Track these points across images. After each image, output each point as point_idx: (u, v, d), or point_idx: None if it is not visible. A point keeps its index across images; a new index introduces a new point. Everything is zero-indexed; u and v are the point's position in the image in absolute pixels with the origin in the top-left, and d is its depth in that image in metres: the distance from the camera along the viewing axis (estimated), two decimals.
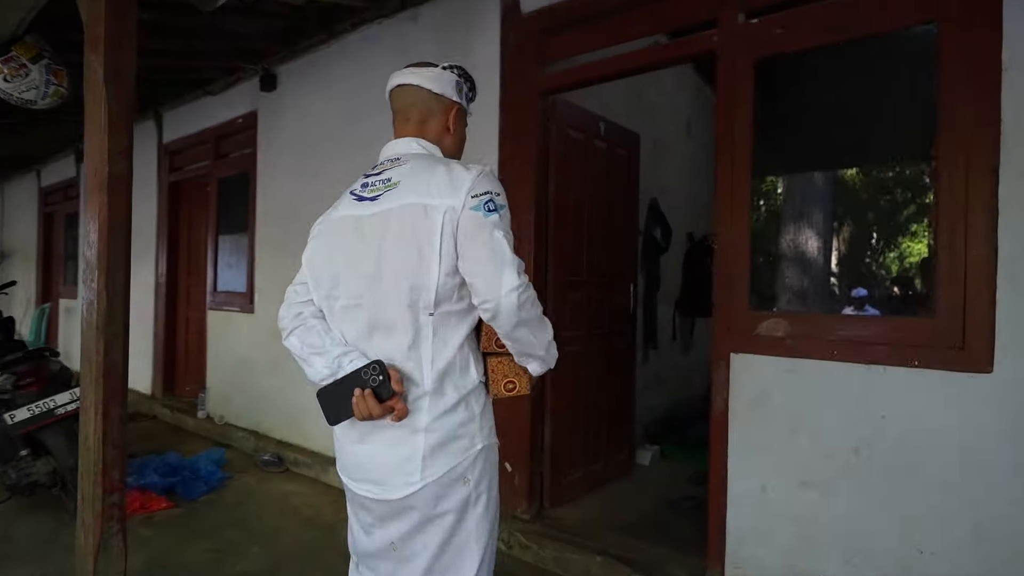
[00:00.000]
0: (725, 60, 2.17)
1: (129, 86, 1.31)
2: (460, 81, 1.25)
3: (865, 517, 1.88)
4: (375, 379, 1.06)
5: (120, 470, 1.31)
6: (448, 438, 1.12)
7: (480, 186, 1.09)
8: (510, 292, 1.04)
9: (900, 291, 5.36)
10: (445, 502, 1.13)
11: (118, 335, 1.33)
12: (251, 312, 4.28)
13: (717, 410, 2.17)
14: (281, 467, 3.71)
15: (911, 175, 3.17)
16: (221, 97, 4.60)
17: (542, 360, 1.18)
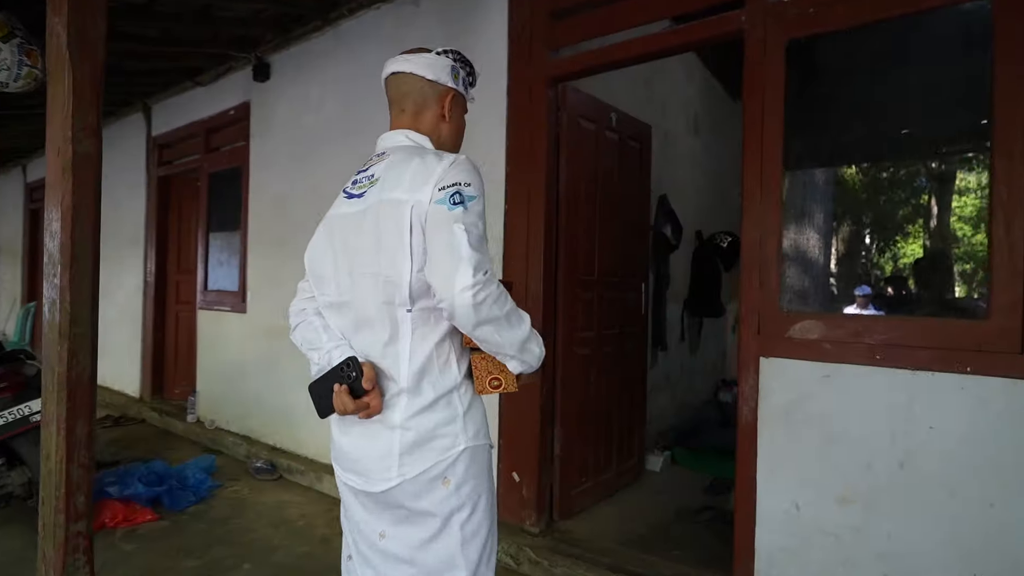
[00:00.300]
0: (753, 42, 2.02)
1: (97, 53, 1.14)
2: (456, 66, 1.21)
3: (911, 537, 1.73)
4: (349, 375, 1.08)
5: (86, 494, 1.14)
6: (425, 437, 1.10)
7: (449, 177, 1.06)
8: (463, 291, 0.99)
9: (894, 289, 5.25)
10: (424, 501, 1.11)
11: (85, 338, 1.15)
12: (243, 312, 4.10)
13: (745, 419, 2.02)
14: (274, 474, 3.53)
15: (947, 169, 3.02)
16: (212, 88, 4.42)
17: (517, 360, 1.12)
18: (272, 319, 3.85)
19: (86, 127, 1.14)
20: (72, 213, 1.11)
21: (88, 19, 1.12)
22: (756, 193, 2.01)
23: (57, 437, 1.11)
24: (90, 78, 1.13)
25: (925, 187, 4.06)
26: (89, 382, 1.15)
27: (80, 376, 1.14)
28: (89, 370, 1.15)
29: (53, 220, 1.12)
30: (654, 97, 4.00)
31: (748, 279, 2.03)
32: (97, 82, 1.15)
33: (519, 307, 1.12)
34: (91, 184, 1.17)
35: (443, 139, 1.23)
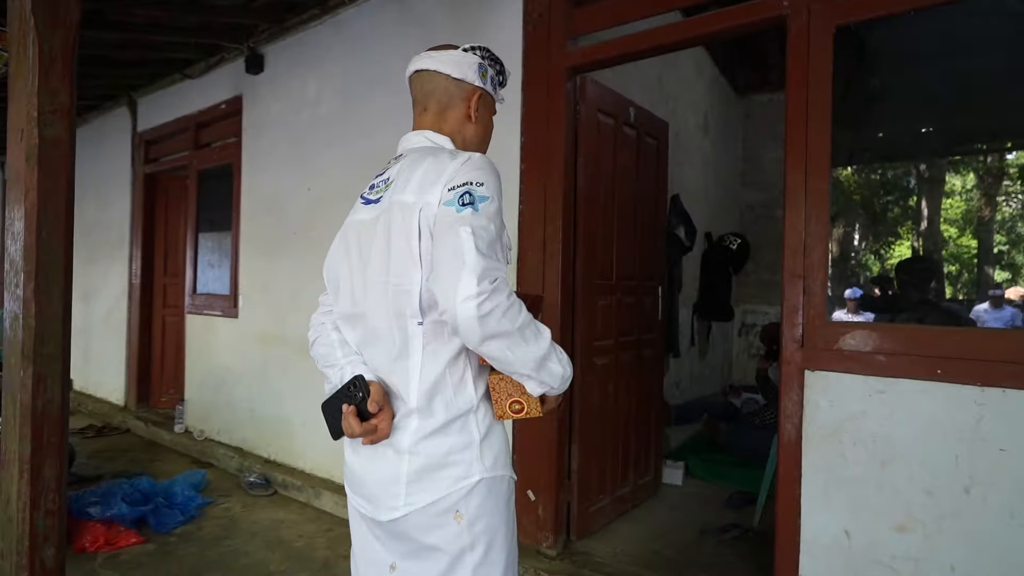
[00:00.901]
0: (797, 29, 1.86)
1: (69, 17, 0.94)
2: (484, 63, 1.14)
3: (977, 570, 1.58)
4: (355, 396, 1.01)
5: (56, 546, 0.94)
6: (435, 463, 1.01)
7: (459, 176, 0.97)
8: (466, 300, 0.88)
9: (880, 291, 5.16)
10: (434, 536, 1.01)
11: (55, 360, 0.96)
12: (235, 317, 3.88)
13: (788, 436, 1.86)
14: (269, 490, 3.33)
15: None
16: (202, 81, 4.20)
17: (536, 381, 0.99)
18: (266, 325, 3.65)
19: (56, 108, 0.94)
20: (38, 210, 0.92)
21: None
22: (800, 194, 1.85)
23: (20, 481, 0.91)
24: (61, 48, 0.94)
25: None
26: (59, 413, 0.95)
27: (48, 407, 0.94)
28: (59, 399, 0.95)
29: (16, 219, 0.92)
30: (666, 94, 3.85)
31: (791, 287, 1.87)
32: (69, 53, 0.96)
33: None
34: (62, 175, 0.97)
35: (468, 141, 1.15)
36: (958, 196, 10.00)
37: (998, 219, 9.89)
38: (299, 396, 3.40)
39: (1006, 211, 9.80)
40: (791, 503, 1.85)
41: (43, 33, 0.92)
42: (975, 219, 9.87)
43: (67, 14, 0.96)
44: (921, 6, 1.68)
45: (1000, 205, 9.76)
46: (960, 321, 3.59)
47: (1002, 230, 10.15)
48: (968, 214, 10.01)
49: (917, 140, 2.01)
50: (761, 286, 5.58)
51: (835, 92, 1.81)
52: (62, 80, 0.96)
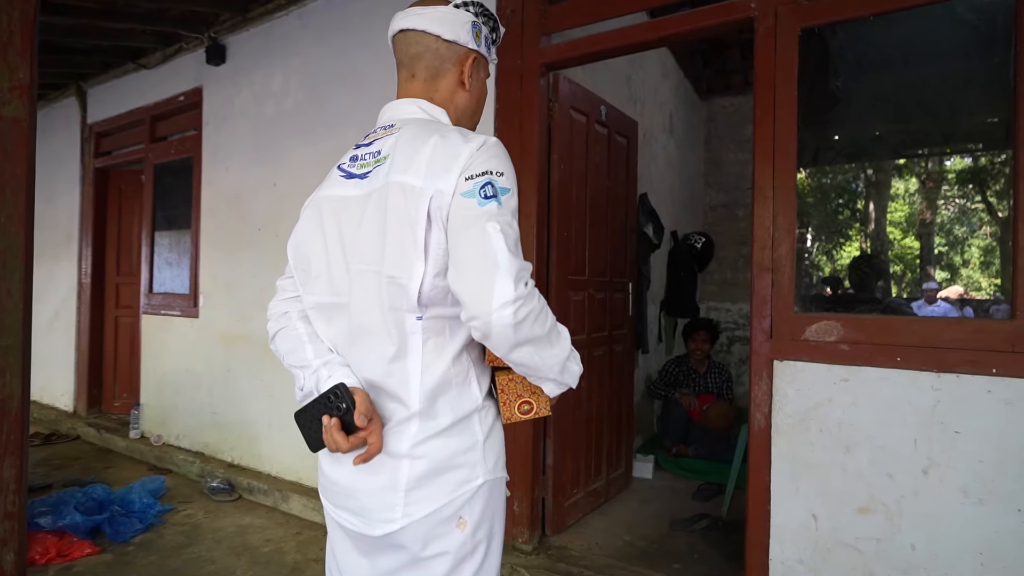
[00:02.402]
0: (764, 31, 1.92)
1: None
2: (477, 22, 1.00)
3: (936, 547, 1.66)
4: (338, 407, 0.87)
5: (16, 551, 0.88)
6: (439, 468, 0.91)
7: (478, 164, 0.86)
8: (503, 307, 0.79)
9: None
10: (433, 547, 0.92)
11: (15, 352, 0.89)
12: (195, 317, 3.74)
13: (758, 425, 1.91)
14: (232, 495, 3.22)
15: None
16: (158, 71, 4.03)
17: (557, 383, 0.94)
18: (229, 325, 3.53)
19: (15, 85, 0.88)
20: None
21: None
22: (768, 190, 1.91)
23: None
24: (20, 22, 0.88)
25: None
26: (20, 408, 0.89)
27: (7, 402, 0.88)
28: (19, 393, 0.89)
29: None
30: (634, 94, 3.91)
31: (760, 280, 1.93)
32: (29, 27, 0.90)
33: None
34: (22, 157, 0.91)
35: (460, 110, 1.04)
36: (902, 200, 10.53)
37: (938, 222, 10.45)
38: (265, 398, 3.30)
39: (945, 215, 10.37)
40: (761, 490, 1.90)
41: (1, 7, 0.86)
42: (917, 222, 10.39)
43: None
44: (879, 11, 1.77)
45: (940, 209, 10.32)
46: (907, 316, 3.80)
47: (941, 232, 10.72)
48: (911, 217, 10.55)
49: (870, 143, 2.10)
50: (724, 284, 5.73)
51: (802, 92, 1.88)
52: (21, 56, 0.90)
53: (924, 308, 4.70)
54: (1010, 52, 1.61)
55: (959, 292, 9.70)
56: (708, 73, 5.45)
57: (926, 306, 4.77)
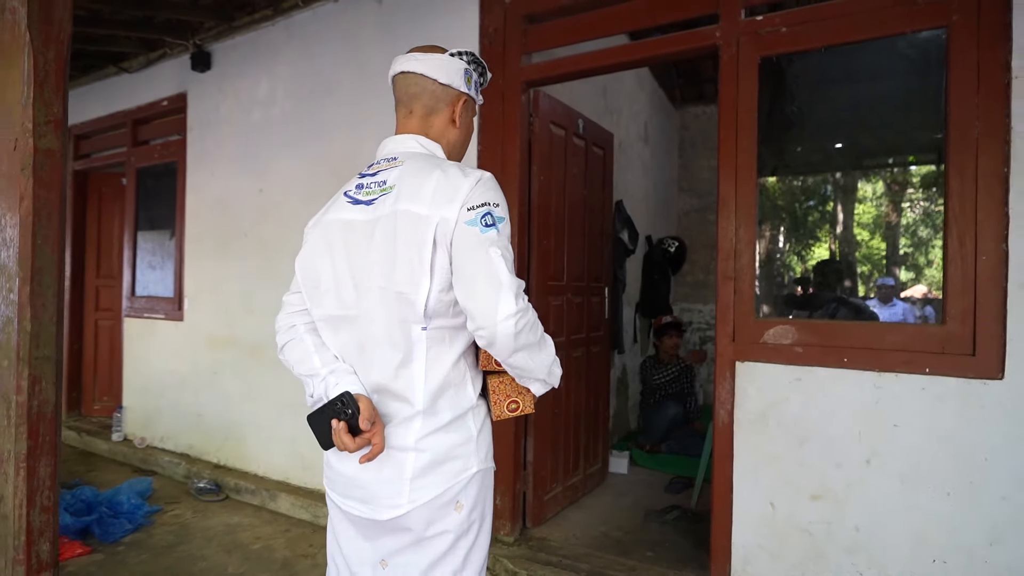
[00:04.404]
0: (728, 58, 2.09)
1: (63, 33, 0.98)
2: (469, 69, 1.15)
3: (876, 529, 1.84)
4: (344, 412, 0.99)
5: (51, 541, 0.98)
6: (440, 459, 1.04)
7: (477, 196, 0.99)
8: (507, 319, 0.94)
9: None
10: (435, 527, 1.05)
11: (49, 362, 0.99)
12: (179, 320, 3.78)
13: (722, 421, 2.08)
14: (220, 495, 3.28)
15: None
16: (141, 75, 4.05)
17: (544, 383, 1.10)
18: (215, 327, 3.59)
19: (50, 119, 0.98)
20: (33, 218, 0.95)
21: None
22: (731, 205, 2.08)
23: (16, 478, 0.94)
24: (55, 62, 0.98)
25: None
26: (53, 413, 0.99)
27: (43, 407, 0.97)
28: (53, 399, 0.99)
29: (7, 226, 0.95)
30: (610, 106, 4.08)
31: (724, 288, 2.09)
32: (62, 67, 0.99)
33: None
34: (56, 184, 1.00)
35: (451, 144, 1.17)
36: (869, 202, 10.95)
37: (903, 224, 10.89)
38: (252, 399, 3.37)
39: (910, 216, 10.82)
40: (725, 480, 2.07)
41: (38, 48, 0.95)
42: (884, 223, 10.81)
43: (60, 31, 0.99)
44: (829, 43, 1.95)
45: (905, 211, 10.77)
46: (866, 314, 4.03)
47: (907, 234, 11.18)
48: (878, 219, 10.96)
49: (831, 155, 2.30)
50: (696, 286, 5.95)
51: (762, 113, 2.05)
52: (56, 92, 0.99)
53: (879, 308, 4.67)
54: (942, 83, 1.80)
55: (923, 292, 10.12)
56: (681, 83, 5.66)
57: (881, 306, 4.75)
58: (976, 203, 1.74)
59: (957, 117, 1.76)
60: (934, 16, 1.80)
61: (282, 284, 3.25)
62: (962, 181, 1.76)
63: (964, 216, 1.75)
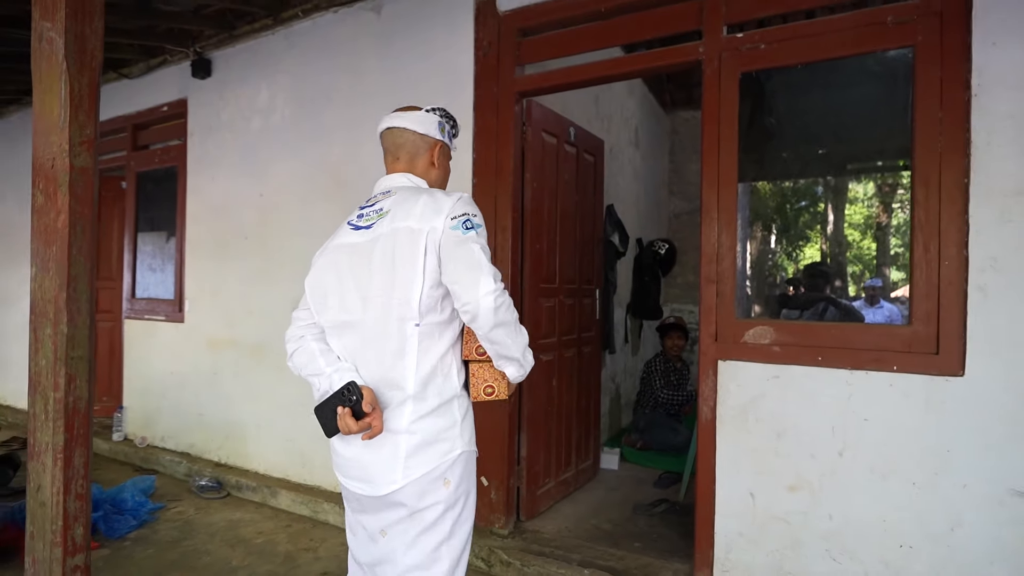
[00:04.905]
0: (710, 73, 2.20)
1: (97, 61, 1.08)
2: (442, 121, 1.39)
3: (848, 516, 1.96)
4: (350, 399, 1.17)
5: (84, 526, 1.07)
6: (429, 440, 1.22)
7: (458, 209, 1.22)
8: (487, 295, 1.14)
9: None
10: (426, 500, 1.22)
11: (83, 362, 1.09)
12: (180, 321, 3.86)
13: (705, 417, 2.20)
14: (221, 492, 3.37)
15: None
16: (141, 81, 4.13)
17: (519, 364, 1.25)
18: (215, 329, 3.67)
19: (84, 140, 1.07)
20: (70, 231, 1.05)
21: (87, 26, 1.05)
22: (714, 211, 2.19)
23: (53, 468, 1.03)
24: (88, 88, 1.07)
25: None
26: (87, 408, 1.08)
27: (78, 403, 1.07)
28: (87, 396, 1.08)
29: (47, 239, 1.04)
30: (601, 112, 4.19)
31: (707, 290, 2.21)
32: (95, 92, 1.09)
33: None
34: (89, 200, 1.10)
35: (433, 181, 1.40)
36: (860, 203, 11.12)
37: (894, 224, 11.06)
38: (252, 399, 3.46)
39: (900, 217, 10.99)
40: (708, 473, 2.19)
41: (74, 75, 1.04)
42: (874, 224, 10.97)
43: (93, 59, 1.08)
44: (805, 61, 2.07)
45: (896, 211, 10.93)
46: (854, 315, 4.16)
47: (897, 234, 11.35)
48: (869, 219, 11.14)
49: (815, 160, 2.43)
50: (687, 287, 6.08)
51: (742, 124, 2.16)
52: (88, 116, 1.09)
53: (865, 310, 4.76)
54: (909, 98, 1.92)
55: None
56: (671, 88, 5.79)
57: (868, 308, 4.82)
58: (940, 211, 1.86)
59: (922, 130, 1.89)
60: (901, 36, 1.92)
61: (282, 286, 3.37)
62: (927, 190, 1.88)
63: (928, 223, 1.88)
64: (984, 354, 1.79)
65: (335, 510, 2.97)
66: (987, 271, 1.79)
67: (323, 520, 3.00)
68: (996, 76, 1.79)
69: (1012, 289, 1.76)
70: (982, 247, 1.80)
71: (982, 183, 1.80)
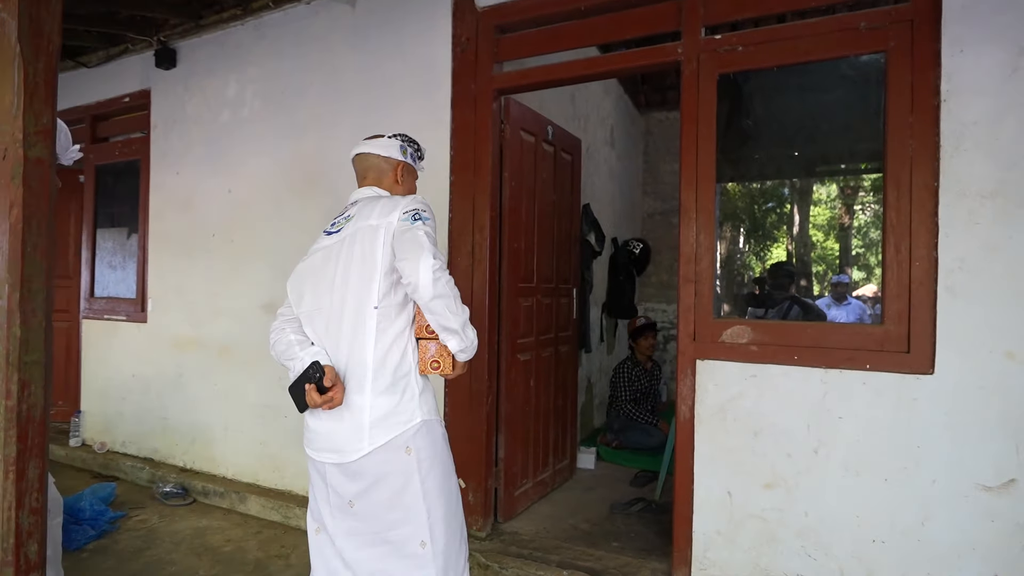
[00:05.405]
0: (689, 73, 2.21)
1: (54, 46, 1.00)
2: (404, 144, 1.61)
3: (823, 513, 2.00)
4: (314, 376, 1.37)
5: (39, 542, 1.00)
6: (389, 412, 1.39)
7: (411, 205, 1.43)
8: (426, 270, 1.32)
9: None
10: (390, 466, 1.38)
11: (39, 367, 1.01)
12: (143, 322, 3.71)
13: (683, 416, 2.21)
14: (187, 499, 3.25)
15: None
16: (100, 70, 3.95)
17: (460, 336, 1.39)
18: (181, 329, 3.53)
19: (39, 129, 0.99)
20: (23, 226, 0.97)
21: (44, 8, 0.97)
22: (692, 212, 2.20)
23: (5, 481, 0.95)
24: (44, 74, 0.99)
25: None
26: (42, 417, 1.01)
27: (32, 410, 0.99)
28: (42, 403, 1.00)
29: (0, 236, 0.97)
30: (578, 112, 4.19)
31: (685, 290, 2.22)
32: (52, 79, 1.01)
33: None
34: (44, 193, 1.02)
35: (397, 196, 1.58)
36: (824, 205, 11.46)
37: (855, 226, 11.43)
38: (220, 401, 3.34)
39: (861, 219, 11.37)
40: (686, 471, 2.20)
41: (28, 60, 0.96)
42: (837, 225, 11.31)
43: (49, 43, 1.00)
44: (782, 64, 2.09)
45: (857, 214, 11.30)
46: (814, 313, 4.24)
47: (858, 235, 11.74)
48: (832, 221, 11.48)
49: (787, 162, 2.47)
50: (660, 287, 6.15)
51: (722, 124, 2.18)
52: (45, 104, 1.01)
53: (832, 308, 4.83)
54: (881, 102, 1.96)
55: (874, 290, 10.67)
56: (646, 89, 5.84)
57: (836, 305, 4.87)
58: (910, 213, 1.90)
59: (893, 134, 1.93)
60: (874, 42, 1.96)
61: (251, 285, 3.27)
62: (898, 193, 1.92)
63: (900, 225, 1.92)
64: (953, 353, 1.84)
65: (307, 515, 2.88)
66: (956, 272, 1.84)
67: (295, 526, 2.92)
68: (964, 82, 1.84)
69: (980, 290, 1.81)
70: (951, 248, 1.84)
71: (951, 186, 1.85)
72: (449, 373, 1.45)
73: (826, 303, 4.76)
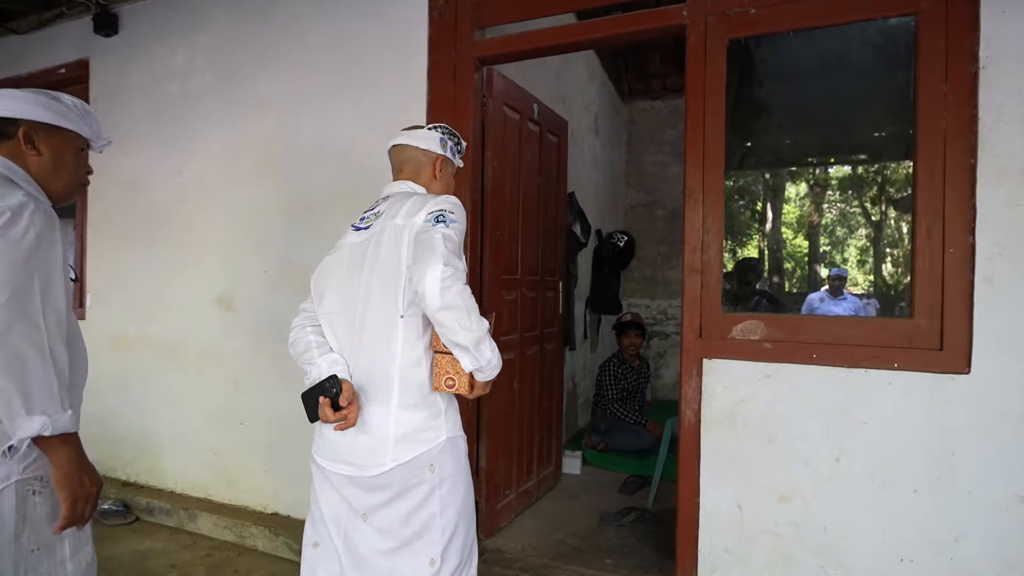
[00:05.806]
0: (695, 39, 1.98)
1: None
2: (444, 137, 1.48)
3: (845, 528, 1.80)
4: (331, 391, 1.26)
5: None
6: (415, 429, 1.29)
7: (437, 206, 1.29)
8: (434, 277, 1.16)
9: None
10: (413, 481, 1.28)
11: None
12: (80, 318, 3.32)
13: (688, 421, 1.98)
14: (128, 517, 2.90)
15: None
16: (32, 37, 3.53)
17: (471, 355, 1.23)
18: (124, 326, 3.17)
19: None
20: None
21: None
22: (698, 195, 1.98)
23: None
24: None
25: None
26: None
27: None
28: None
29: None
30: (562, 93, 3.95)
31: (690, 281, 1.99)
32: None
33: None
34: None
35: (434, 192, 1.45)
36: (794, 203, 11.51)
37: (824, 223, 11.51)
38: (169, 407, 3.00)
39: (829, 217, 11.44)
40: (691, 483, 1.98)
41: None
42: (806, 223, 11.36)
43: None
44: (799, 27, 1.87)
45: (825, 212, 11.37)
46: (782, 308, 4.07)
47: (826, 233, 11.83)
48: (801, 218, 11.55)
49: (787, 149, 2.26)
50: (644, 281, 5.96)
51: (729, 100, 1.95)
52: None
53: (827, 301, 4.57)
54: (911, 72, 1.76)
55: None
56: (629, 76, 5.62)
57: (830, 299, 4.62)
58: (944, 195, 1.71)
59: (925, 107, 1.73)
60: (904, 2, 1.75)
61: (205, 276, 2.93)
62: (930, 172, 1.72)
63: (932, 208, 1.72)
64: (992, 350, 1.65)
65: (264, 534, 2.58)
66: (995, 259, 1.65)
67: (251, 546, 2.61)
68: (1005, 47, 1.64)
69: (1022, 279, 1.62)
70: (990, 233, 1.65)
71: (990, 163, 1.66)
72: (466, 393, 1.28)
73: (819, 297, 4.61)
